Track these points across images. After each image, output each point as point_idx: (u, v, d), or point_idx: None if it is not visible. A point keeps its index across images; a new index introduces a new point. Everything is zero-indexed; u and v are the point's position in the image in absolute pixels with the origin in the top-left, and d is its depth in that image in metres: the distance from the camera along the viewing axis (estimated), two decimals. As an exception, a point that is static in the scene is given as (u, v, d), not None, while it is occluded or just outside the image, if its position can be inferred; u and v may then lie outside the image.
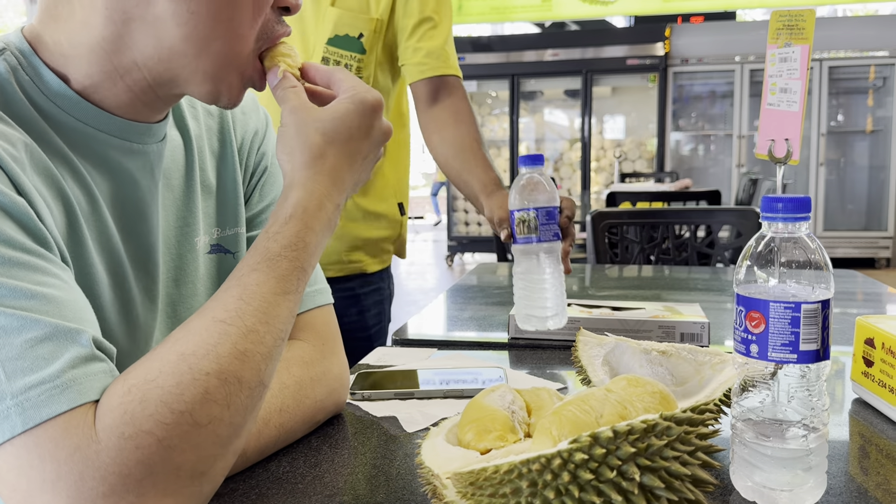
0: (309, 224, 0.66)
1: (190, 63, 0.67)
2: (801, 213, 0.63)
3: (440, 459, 0.56)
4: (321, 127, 0.68)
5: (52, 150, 0.66)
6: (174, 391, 0.54)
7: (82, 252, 0.66)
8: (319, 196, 0.67)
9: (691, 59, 7.08)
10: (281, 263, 0.63)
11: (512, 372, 1.04)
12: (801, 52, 1.28)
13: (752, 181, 4.89)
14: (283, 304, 0.62)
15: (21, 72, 0.66)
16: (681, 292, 1.62)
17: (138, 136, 0.72)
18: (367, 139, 0.71)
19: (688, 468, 0.49)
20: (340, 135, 0.69)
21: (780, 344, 0.62)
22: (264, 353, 0.60)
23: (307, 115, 0.69)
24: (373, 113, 0.71)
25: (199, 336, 0.57)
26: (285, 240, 0.64)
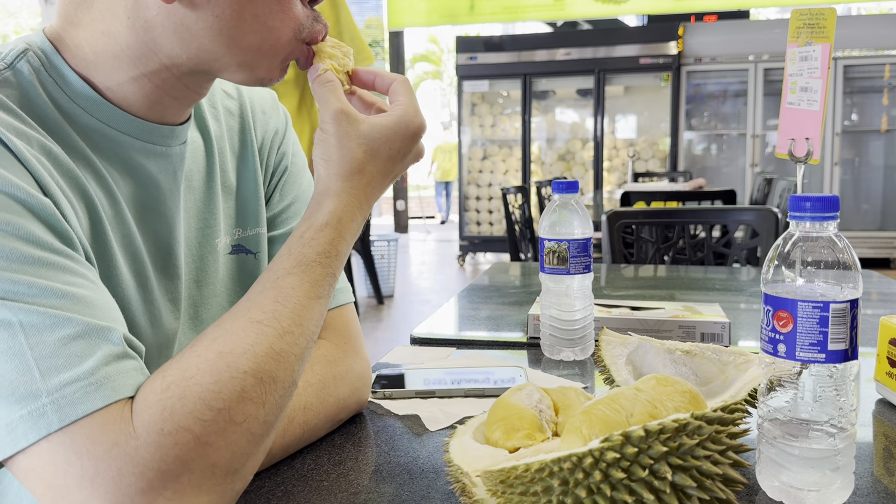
0: (342, 233, 0.68)
1: (222, 58, 0.67)
2: (829, 212, 0.63)
3: (469, 457, 0.56)
4: (364, 143, 0.69)
5: (74, 151, 0.66)
6: (213, 388, 0.55)
7: (106, 253, 0.67)
8: (353, 208, 0.69)
9: (705, 58, 7.05)
10: (315, 269, 0.65)
11: (531, 371, 1.05)
12: (822, 50, 1.27)
13: (766, 181, 4.87)
14: (316, 308, 0.64)
15: (44, 72, 0.66)
16: (698, 292, 1.62)
17: (161, 139, 0.72)
18: (402, 161, 0.72)
19: (718, 467, 0.49)
20: (381, 153, 0.70)
21: (808, 343, 0.62)
22: (298, 353, 0.61)
23: (350, 127, 0.69)
24: (414, 137, 0.72)
25: (236, 336, 0.58)
26: (320, 247, 0.66)
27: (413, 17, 8.44)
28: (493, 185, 7.96)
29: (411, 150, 0.72)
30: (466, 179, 8.03)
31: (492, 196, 7.97)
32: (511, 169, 7.99)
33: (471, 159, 8.07)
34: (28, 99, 0.64)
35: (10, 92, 0.63)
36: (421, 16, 8.38)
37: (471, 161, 8.07)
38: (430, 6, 8.30)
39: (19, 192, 0.56)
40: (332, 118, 0.69)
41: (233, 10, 0.65)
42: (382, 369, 1.02)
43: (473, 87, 7.84)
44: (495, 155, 8.08)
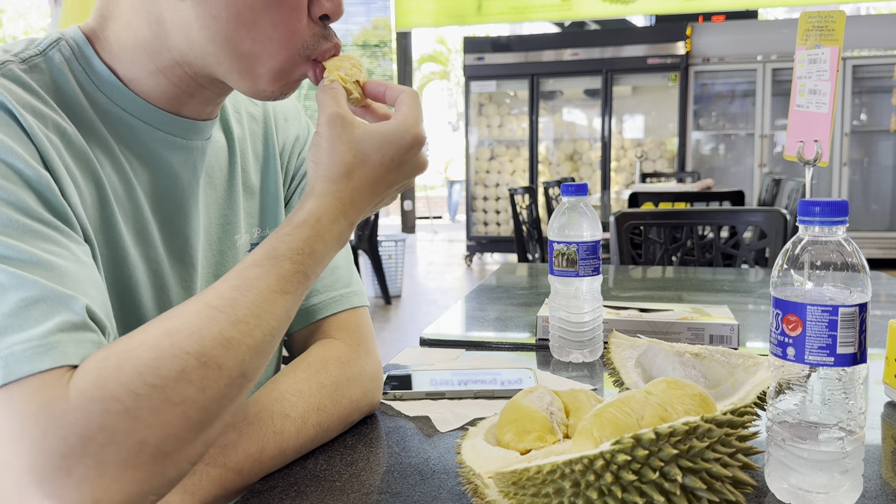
0: (319, 233, 0.66)
1: (222, 63, 0.69)
2: (838, 216, 0.63)
3: (481, 459, 0.56)
4: (354, 147, 0.68)
5: (92, 135, 0.69)
6: (151, 364, 0.53)
7: (114, 235, 0.69)
8: (335, 211, 0.68)
9: (713, 59, 7.03)
10: (284, 264, 0.63)
11: (540, 373, 1.05)
12: (831, 53, 1.28)
13: (775, 181, 4.86)
14: (280, 303, 0.62)
15: (74, 61, 0.70)
16: (706, 294, 1.62)
17: (182, 131, 0.75)
18: (397, 170, 0.71)
19: (728, 469, 0.50)
20: (371, 160, 0.69)
21: (817, 347, 0.62)
22: (251, 345, 0.59)
23: (343, 131, 0.68)
24: (410, 148, 0.70)
25: (187, 318, 0.57)
26: (293, 243, 0.65)
27: (421, 17, 8.45)
28: (501, 185, 7.96)
29: (407, 160, 0.71)
30: (474, 180, 8.03)
31: (499, 196, 7.98)
32: (518, 169, 7.99)
33: (478, 160, 8.08)
34: (56, 84, 0.68)
35: (38, 77, 0.67)
36: (428, 16, 8.39)
37: (478, 161, 8.07)
38: (437, 7, 8.31)
39: (18, 161, 0.58)
40: (327, 121, 0.69)
41: (229, 13, 0.66)
42: (392, 370, 1.02)
43: (481, 88, 7.85)
44: (502, 155, 8.08)
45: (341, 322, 0.88)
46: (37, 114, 0.63)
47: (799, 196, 3.66)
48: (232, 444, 0.69)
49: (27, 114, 0.62)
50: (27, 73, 0.66)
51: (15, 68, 0.66)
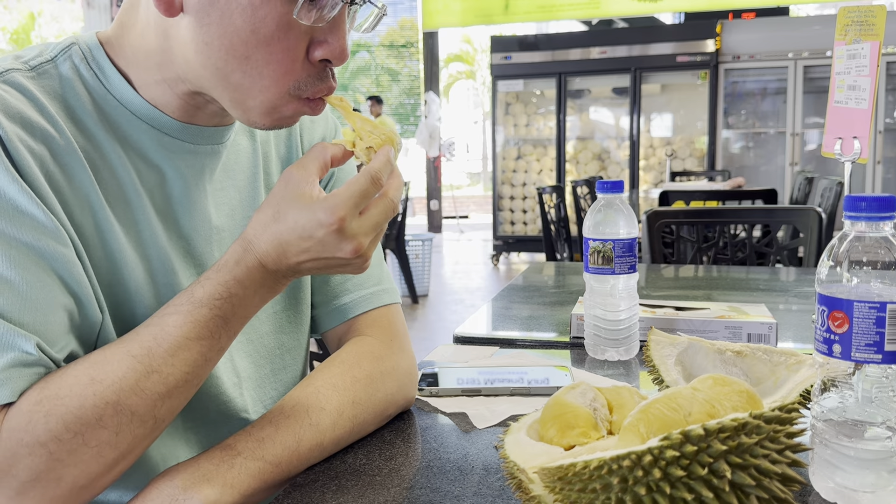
0: (237, 277, 0.67)
1: (215, 88, 0.70)
2: (885, 212, 0.62)
3: (525, 454, 0.56)
4: (279, 202, 0.67)
5: (95, 140, 0.71)
6: (75, 412, 0.60)
7: (108, 238, 0.71)
8: (253, 257, 0.67)
9: (743, 56, 6.95)
10: (201, 310, 0.65)
11: (575, 371, 1.05)
12: (871, 48, 1.26)
13: (807, 180, 4.79)
14: (195, 349, 0.65)
15: (85, 65, 0.72)
16: (741, 293, 1.60)
17: (190, 137, 0.76)
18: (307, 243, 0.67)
19: (777, 466, 0.49)
20: (286, 220, 0.66)
21: (864, 344, 0.61)
22: (163, 392, 0.64)
23: (284, 183, 0.67)
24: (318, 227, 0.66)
25: (110, 367, 0.62)
26: (211, 287, 0.66)
27: (447, 17, 8.46)
28: (528, 184, 7.94)
29: (316, 238, 0.66)
30: (500, 179, 8.02)
31: (526, 196, 7.95)
32: (545, 168, 7.96)
33: (504, 159, 8.06)
34: (63, 89, 0.70)
35: (46, 82, 0.70)
36: (455, 16, 8.40)
37: (505, 161, 8.06)
38: (464, 6, 8.31)
39: None
40: (286, 171, 0.68)
41: (222, 43, 0.66)
42: (427, 367, 1.03)
43: (508, 87, 7.83)
44: (529, 154, 8.06)
45: (373, 319, 0.89)
46: (24, 123, 0.65)
47: (832, 195, 3.61)
48: (269, 438, 0.71)
49: (10, 123, 0.64)
50: (34, 80, 0.69)
51: (18, 76, 0.68)
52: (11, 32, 14.77)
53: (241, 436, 0.71)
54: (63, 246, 0.65)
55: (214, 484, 0.65)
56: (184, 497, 0.64)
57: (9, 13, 14.62)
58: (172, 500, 0.64)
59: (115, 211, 0.72)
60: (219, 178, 0.81)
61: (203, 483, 0.65)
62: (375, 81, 14.28)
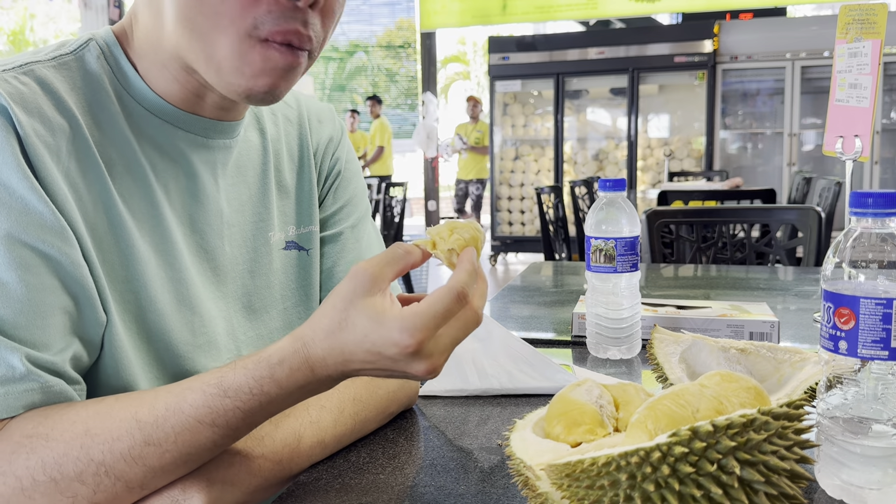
0: (275, 376, 0.61)
1: (191, 51, 0.68)
2: (891, 208, 0.62)
3: (531, 451, 0.56)
4: (348, 313, 0.60)
5: (112, 135, 0.71)
6: (57, 460, 0.58)
7: (122, 233, 0.70)
8: (301, 359, 0.61)
9: (740, 56, 6.95)
10: (223, 400, 0.61)
11: (578, 369, 1.05)
12: (873, 46, 1.26)
13: (805, 180, 4.79)
14: (205, 434, 0.61)
15: (103, 60, 0.72)
16: (741, 292, 1.60)
17: (203, 130, 0.76)
18: (373, 361, 0.61)
19: (785, 463, 0.49)
20: (352, 335, 0.60)
21: (870, 340, 0.61)
22: (157, 467, 0.60)
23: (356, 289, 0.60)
24: (390, 349, 0.59)
25: (110, 422, 0.60)
26: (244, 379, 0.61)
27: (445, 17, 8.45)
28: (525, 185, 7.94)
29: (386, 357, 0.60)
30: (498, 180, 8.02)
31: (524, 196, 7.95)
32: (543, 169, 7.96)
33: (502, 159, 8.06)
34: (83, 83, 0.70)
35: (67, 74, 0.70)
36: (453, 16, 8.40)
37: (502, 161, 8.06)
38: (462, 7, 8.31)
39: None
40: (354, 272, 0.61)
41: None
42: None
43: (506, 87, 7.83)
44: (527, 155, 8.06)
45: None
46: (42, 118, 0.65)
47: (831, 195, 3.61)
48: (269, 436, 0.70)
49: (27, 117, 0.64)
50: (54, 71, 0.69)
51: (38, 68, 0.68)
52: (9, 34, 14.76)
53: None
54: (68, 246, 0.64)
55: (214, 483, 0.65)
56: (183, 497, 0.63)
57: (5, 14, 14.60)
58: (173, 500, 0.63)
59: (130, 206, 0.71)
60: (231, 173, 0.81)
61: (203, 483, 0.64)
62: (373, 82, 14.27)
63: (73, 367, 0.65)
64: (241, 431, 0.63)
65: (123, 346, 0.70)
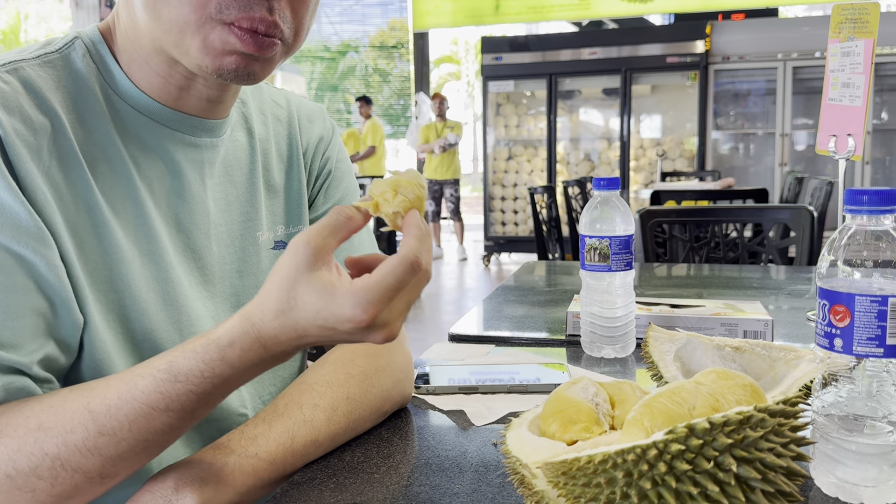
0: (226, 358, 0.59)
1: (160, 37, 0.68)
2: (886, 205, 0.62)
3: (527, 449, 0.56)
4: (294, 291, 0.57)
5: (96, 134, 0.71)
6: (11, 455, 0.58)
7: (105, 232, 0.70)
8: (252, 339, 0.59)
9: (732, 57, 6.98)
10: (175, 385, 0.59)
11: (572, 368, 1.04)
12: (865, 45, 1.26)
13: (797, 179, 4.81)
14: (160, 419, 0.60)
15: (88, 58, 0.72)
16: (734, 291, 1.61)
17: (189, 128, 0.76)
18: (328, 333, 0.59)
19: (782, 460, 0.49)
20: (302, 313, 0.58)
21: (865, 338, 0.61)
22: (114, 456, 0.60)
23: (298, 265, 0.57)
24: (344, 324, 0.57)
25: (62, 416, 0.59)
26: (195, 363, 0.59)
27: (438, 18, 8.46)
28: (519, 185, 7.95)
29: (340, 331, 0.58)
30: (491, 180, 8.03)
31: (517, 196, 7.96)
32: (536, 169, 7.97)
33: (495, 160, 8.07)
34: (68, 81, 0.70)
35: (52, 72, 0.70)
36: (446, 17, 8.40)
37: (495, 161, 8.06)
38: (455, 7, 8.31)
39: None
40: (294, 246, 0.58)
41: None
42: (424, 365, 1.02)
43: (498, 88, 7.83)
44: (520, 155, 8.07)
45: None
46: (24, 117, 0.65)
47: (822, 194, 3.63)
48: (262, 435, 0.70)
49: (8, 117, 0.64)
50: (38, 70, 0.69)
51: (23, 66, 0.68)
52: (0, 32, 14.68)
53: (234, 434, 0.70)
54: (44, 247, 0.64)
55: (208, 483, 0.64)
56: (176, 498, 0.62)
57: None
58: (165, 501, 0.62)
59: (114, 206, 0.71)
60: (218, 172, 0.81)
61: (196, 482, 0.63)
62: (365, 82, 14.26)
63: (47, 368, 0.65)
64: (198, 413, 0.62)
65: (105, 346, 0.69)
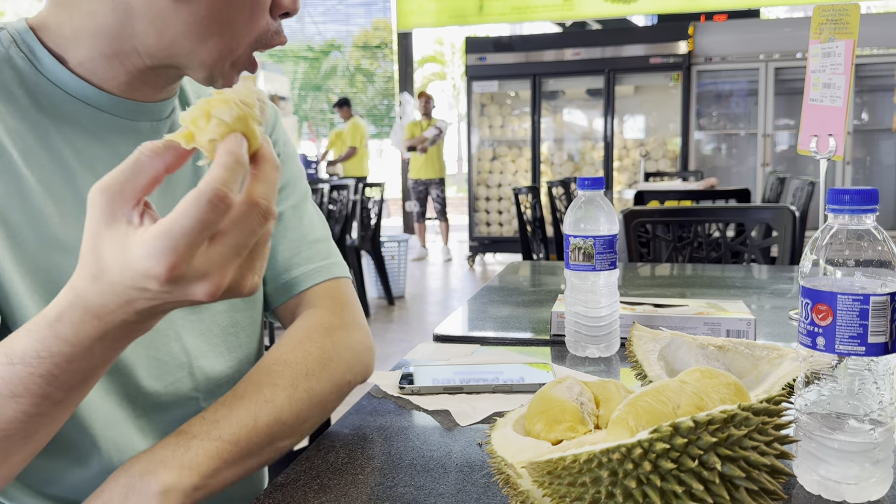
0: (59, 333, 0.54)
1: (188, 54, 0.71)
2: (868, 205, 0.63)
3: (512, 449, 0.56)
4: (97, 251, 0.51)
5: (26, 123, 0.71)
6: None
7: (40, 222, 0.70)
8: (81, 311, 0.53)
9: (715, 58, 7.03)
10: (14, 368, 0.55)
11: (557, 368, 1.05)
12: (846, 46, 1.27)
13: (779, 180, 4.85)
14: (10, 406, 0.56)
15: (15, 48, 0.72)
16: (717, 290, 1.62)
17: (128, 113, 0.76)
18: (146, 296, 0.52)
19: (765, 458, 0.49)
20: (111, 275, 0.52)
21: (847, 336, 0.61)
22: None
23: (98, 219, 0.51)
24: (146, 282, 0.50)
25: None
26: (30, 344, 0.55)
27: (422, 17, 8.45)
28: (503, 185, 7.96)
29: (147, 291, 0.51)
30: (476, 180, 8.03)
31: (501, 197, 7.97)
32: (521, 169, 7.99)
33: (480, 160, 8.07)
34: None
35: None
36: (430, 16, 8.40)
37: (480, 162, 8.07)
38: (439, 7, 8.31)
39: None
40: (93, 192, 0.51)
41: (210, 11, 0.69)
42: (408, 365, 1.02)
43: (483, 88, 7.84)
44: (505, 155, 8.08)
45: (325, 291, 0.90)
46: None
47: (804, 194, 3.66)
48: (224, 419, 0.70)
49: None
50: None
51: None
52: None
53: (195, 420, 0.70)
54: None
55: (171, 467, 0.64)
56: (140, 483, 0.62)
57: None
58: (129, 488, 0.62)
59: (52, 192, 0.71)
60: None
61: (160, 468, 0.64)
62: (349, 82, 14.22)
63: None
64: (54, 395, 0.56)
65: None
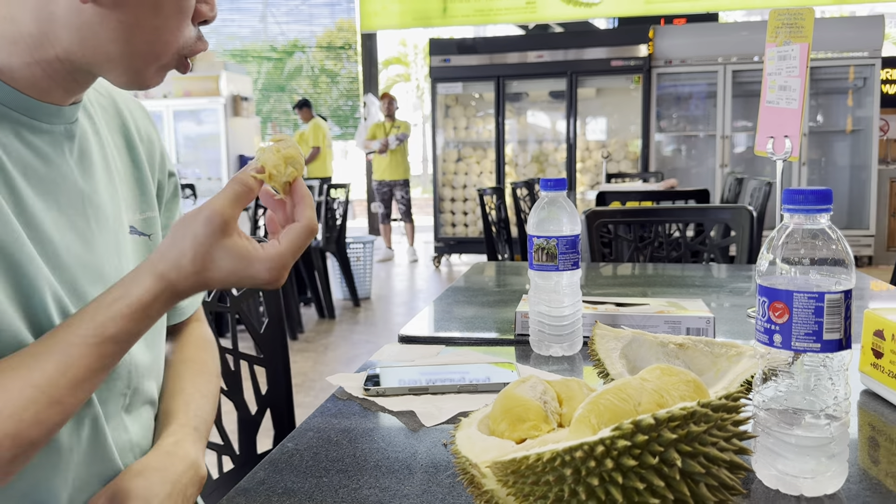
0: (150, 316, 0.68)
1: (113, 60, 0.72)
2: (822, 204, 0.64)
3: (476, 449, 0.56)
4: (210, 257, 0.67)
5: None
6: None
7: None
8: (168, 295, 0.68)
9: (674, 61, 7.13)
10: (107, 346, 0.66)
11: (521, 367, 1.05)
12: (801, 50, 1.30)
13: (737, 180, 4.94)
14: (99, 377, 0.68)
15: None
16: (677, 289, 1.64)
17: (45, 116, 0.75)
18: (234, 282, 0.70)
19: (724, 454, 0.50)
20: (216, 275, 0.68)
21: (803, 333, 0.63)
22: (61, 421, 0.65)
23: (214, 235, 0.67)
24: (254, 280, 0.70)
25: (11, 396, 0.62)
26: (125, 325, 0.67)
27: (385, 19, 8.44)
28: (468, 186, 7.97)
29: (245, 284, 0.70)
30: (441, 181, 8.03)
31: (466, 198, 7.98)
32: (485, 171, 8.01)
33: (445, 161, 8.08)
34: None
35: None
36: (393, 18, 8.38)
37: (445, 163, 8.07)
38: (402, 8, 8.30)
39: None
40: (208, 216, 0.67)
41: (137, 18, 0.69)
42: (374, 367, 1.02)
43: (447, 89, 7.85)
44: (469, 157, 8.09)
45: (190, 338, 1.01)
46: None
47: (762, 195, 3.73)
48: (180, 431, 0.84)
49: None
50: None
51: None
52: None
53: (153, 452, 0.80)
54: None
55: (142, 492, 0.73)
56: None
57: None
58: None
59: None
60: (78, 158, 0.79)
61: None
62: (313, 83, 14.12)
63: None
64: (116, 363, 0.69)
65: None
